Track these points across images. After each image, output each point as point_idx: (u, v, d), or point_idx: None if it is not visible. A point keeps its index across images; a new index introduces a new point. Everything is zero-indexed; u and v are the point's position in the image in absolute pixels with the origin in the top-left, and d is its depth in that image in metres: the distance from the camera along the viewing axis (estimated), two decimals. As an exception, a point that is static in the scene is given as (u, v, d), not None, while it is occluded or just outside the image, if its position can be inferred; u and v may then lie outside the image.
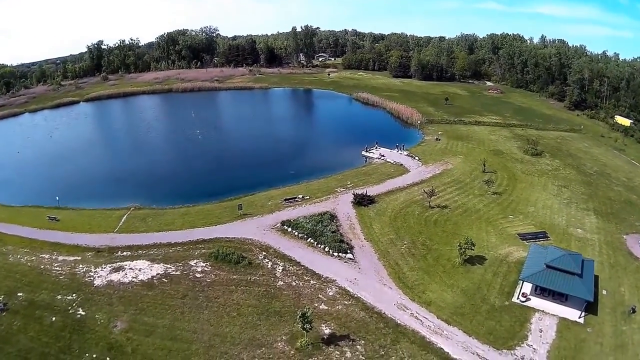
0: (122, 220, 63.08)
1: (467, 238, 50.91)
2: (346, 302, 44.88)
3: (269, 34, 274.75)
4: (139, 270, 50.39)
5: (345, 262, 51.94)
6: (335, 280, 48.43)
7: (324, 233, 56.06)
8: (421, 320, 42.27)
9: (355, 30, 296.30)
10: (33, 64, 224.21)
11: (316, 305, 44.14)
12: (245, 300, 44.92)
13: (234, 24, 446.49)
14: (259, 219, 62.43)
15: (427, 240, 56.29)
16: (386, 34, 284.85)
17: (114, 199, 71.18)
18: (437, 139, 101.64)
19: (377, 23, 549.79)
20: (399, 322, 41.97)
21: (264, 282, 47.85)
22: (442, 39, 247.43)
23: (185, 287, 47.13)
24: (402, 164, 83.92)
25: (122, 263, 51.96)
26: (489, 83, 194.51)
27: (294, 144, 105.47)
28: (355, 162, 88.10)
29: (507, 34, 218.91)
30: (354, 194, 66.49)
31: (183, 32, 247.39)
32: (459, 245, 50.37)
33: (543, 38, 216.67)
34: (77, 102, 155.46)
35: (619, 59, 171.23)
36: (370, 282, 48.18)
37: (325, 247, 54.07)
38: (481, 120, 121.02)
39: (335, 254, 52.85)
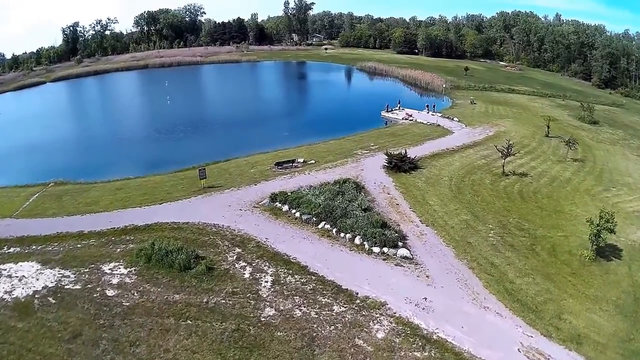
0: (30, 200, 40.15)
1: (605, 212, 28.55)
2: (419, 355, 20.31)
3: (259, 20, 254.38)
4: (20, 280, 27.48)
5: (397, 264, 27.44)
6: (386, 302, 23.73)
7: (349, 212, 31.74)
8: (588, 388, 18.99)
9: (352, 13, 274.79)
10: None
11: (351, 363, 19.81)
12: (194, 353, 20.74)
13: (220, 7, 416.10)
14: (233, 192, 38.58)
15: (523, 222, 33.36)
16: (384, 18, 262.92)
17: (36, 174, 48.57)
18: (471, 102, 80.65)
19: (374, 7, 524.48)
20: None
21: (235, 310, 23.44)
22: (445, 20, 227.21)
23: (83, 316, 23.55)
24: (439, 125, 61.55)
25: (0, 266, 29.01)
26: (502, 62, 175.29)
27: (287, 107, 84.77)
28: (373, 123, 65.87)
29: (520, 11, 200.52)
30: (387, 154, 43.19)
31: (165, 11, 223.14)
32: (596, 226, 27.74)
33: (558, 17, 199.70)
34: (43, 82, 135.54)
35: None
36: (457, 304, 23.84)
37: (354, 236, 29.87)
38: (515, 89, 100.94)
39: (376, 249, 28.51)
